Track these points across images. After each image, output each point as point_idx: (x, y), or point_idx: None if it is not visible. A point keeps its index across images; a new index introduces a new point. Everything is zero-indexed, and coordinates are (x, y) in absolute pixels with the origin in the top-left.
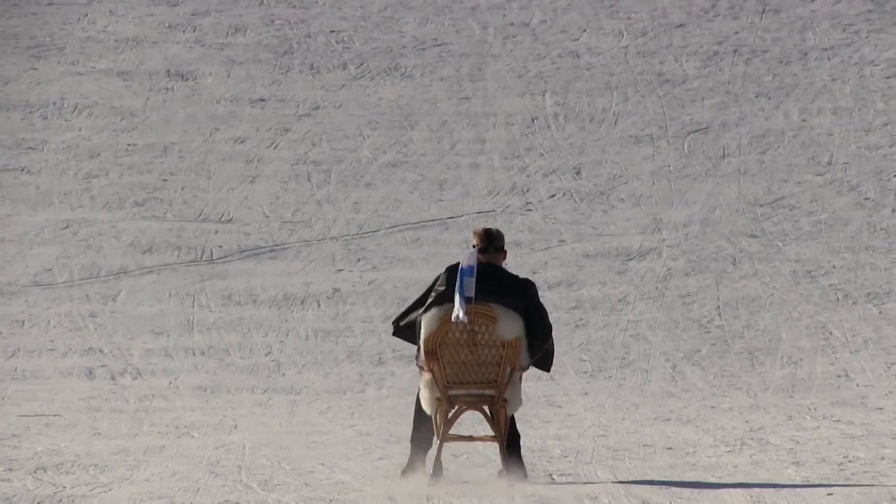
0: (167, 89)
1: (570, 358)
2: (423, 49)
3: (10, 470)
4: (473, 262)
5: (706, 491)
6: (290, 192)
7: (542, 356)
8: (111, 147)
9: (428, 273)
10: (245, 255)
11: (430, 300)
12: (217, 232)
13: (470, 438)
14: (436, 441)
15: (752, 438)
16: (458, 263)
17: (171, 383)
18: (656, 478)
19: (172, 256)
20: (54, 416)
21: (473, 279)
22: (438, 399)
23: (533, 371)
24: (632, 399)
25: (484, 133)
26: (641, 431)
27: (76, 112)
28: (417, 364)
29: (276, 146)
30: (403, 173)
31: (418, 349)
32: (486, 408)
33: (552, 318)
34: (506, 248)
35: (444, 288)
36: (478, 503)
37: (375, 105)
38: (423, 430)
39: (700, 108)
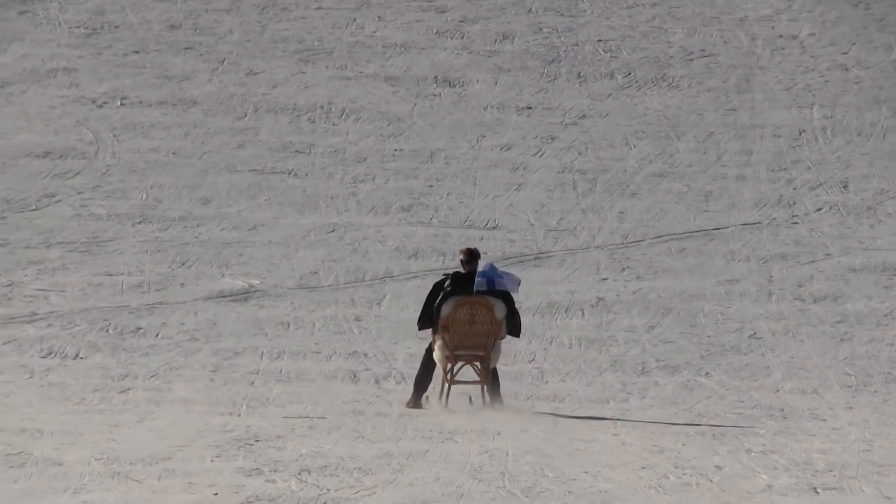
0: (434, 95)
1: (834, 372)
2: (691, 60)
3: (274, 471)
4: (481, 269)
5: None
6: (555, 201)
7: (514, 329)
8: (378, 152)
9: (693, 283)
10: (510, 262)
11: (441, 297)
12: (482, 238)
13: (466, 382)
14: (435, 387)
15: None
16: (454, 273)
17: (434, 388)
18: None
19: (437, 262)
20: (319, 418)
21: (482, 281)
22: (447, 356)
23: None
24: None
25: (751, 145)
26: None
27: (343, 116)
28: (433, 334)
29: (542, 154)
30: (669, 183)
31: (434, 327)
32: (477, 364)
33: (816, 331)
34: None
35: (450, 289)
36: None
37: (642, 115)
38: (425, 379)
39: None
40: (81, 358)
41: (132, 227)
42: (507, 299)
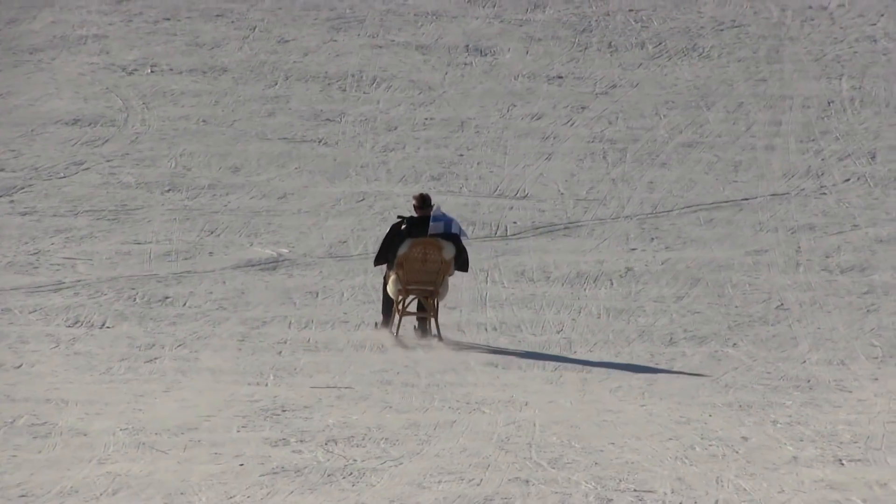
0: (465, 64)
1: (860, 343)
2: (721, 30)
3: (301, 441)
4: (435, 213)
5: None
6: (585, 170)
7: (462, 265)
8: (408, 121)
9: (721, 254)
10: (539, 232)
11: (397, 238)
12: (512, 208)
13: (416, 314)
14: (396, 316)
15: None
16: (409, 217)
17: (462, 359)
18: None
19: (467, 231)
20: (346, 388)
21: (437, 225)
22: (400, 290)
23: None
24: None
25: (780, 115)
26: None
27: (374, 85)
28: (387, 270)
29: (573, 123)
30: (699, 154)
31: (389, 264)
32: (427, 298)
33: (843, 302)
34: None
35: (406, 231)
36: (767, 486)
37: (672, 85)
38: (388, 309)
39: None
40: (108, 327)
41: (161, 195)
42: (457, 241)
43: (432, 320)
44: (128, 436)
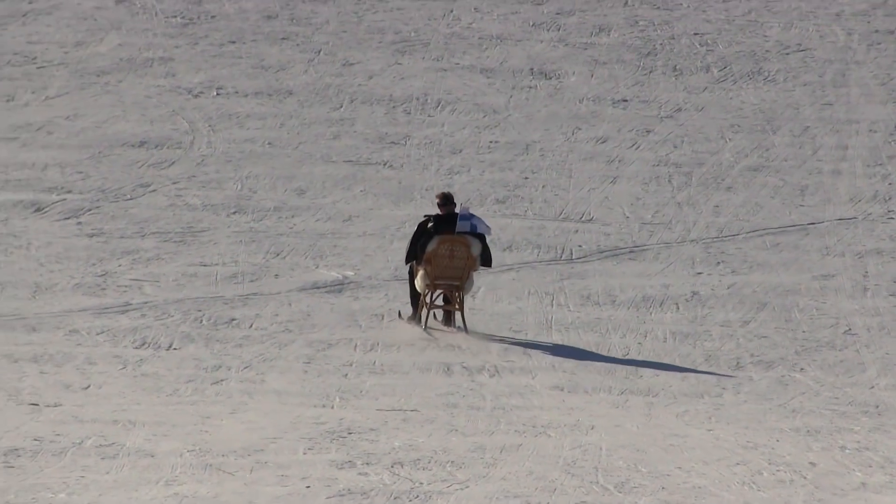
0: (530, 87)
1: None
2: (787, 54)
3: (367, 464)
4: (462, 213)
5: None
6: (650, 194)
7: (486, 261)
8: (473, 144)
9: (788, 278)
10: (605, 256)
11: (425, 236)
12: (577, 232)
13: (443, 307)
14: (423, 308)
15: None
16: (435, 215)
17: (528, 382)
18: None
19: (532, 255)
20: (412, 410)
21: (465, 224)
22: (428, 285)
23: None
24: None
25: (846, 140)
26: None
27: (439, 108)
28: (415, 265)
29: (638, 147)
30: (765, 178)
31: (417, 260)
32: (452, 292)
33: None
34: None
35: (433, 229)
36: None
37: (738, 108)
38: (416, 302)
39: None
40: (175, 349)
41: (227, 217)
42: (482, 238)
43: (457, 313)
44: (194, 457)
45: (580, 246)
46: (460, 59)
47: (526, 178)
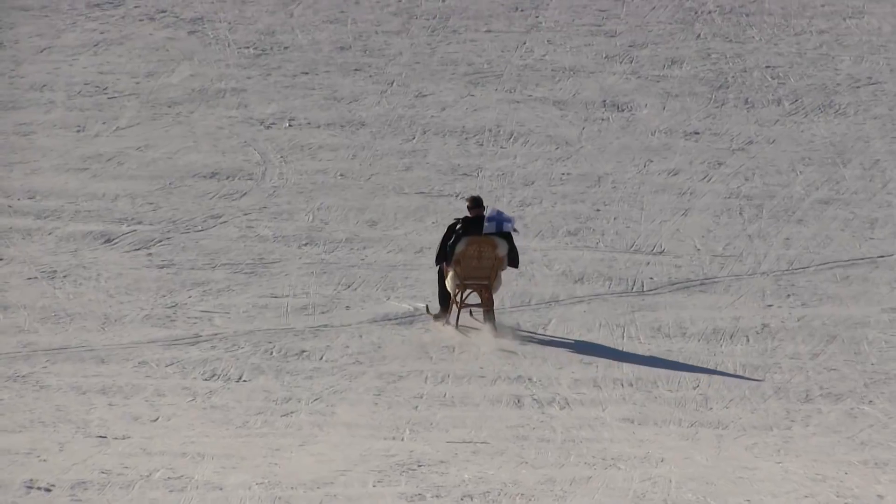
0: (602, 119)
1: None
2: (858, 87)
3: (437, 497)
4: (489, 215)
5: None
6: (721, 226)
7: (513, 261)
8: (545, 175)
9: (857, 311)
10: (676, 288)
11: (454, 238)
12: (648, 264)
13: (474, 305)
14: (454, 308)
15: None
16: (464, 218)
17: (598, 414)
18: None
19: (603, 287)
20: (482, 443)
21: (491, 225)
22: (458, 285)
23: None
24: None
25: None
26: None
27: (511, 139)
28: (445, 266)
29: (709, 179)
30: (835, 210)
31: (447, 261)
32: (481, 291)
33: None
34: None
35: (462, 231)
36: None
37: (809, 141)
38: (446, 302)
39: None
40: (245, 381)
41: (298, 248)
42: (509, 238)
43: (486, 311)
44: (263, 490)
45: (651, 278)
46: (533, 91)
47: (598, 210)
